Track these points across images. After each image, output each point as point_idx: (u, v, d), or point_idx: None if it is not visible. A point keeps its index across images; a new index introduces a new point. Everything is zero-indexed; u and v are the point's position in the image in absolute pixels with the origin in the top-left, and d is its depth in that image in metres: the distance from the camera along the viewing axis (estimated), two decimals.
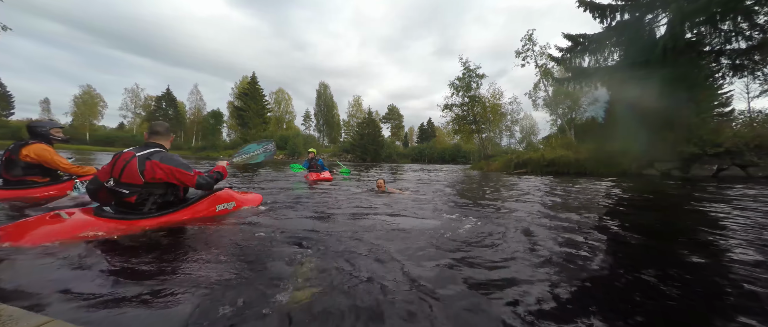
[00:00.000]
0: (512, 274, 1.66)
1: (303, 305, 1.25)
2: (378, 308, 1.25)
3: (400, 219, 3.10)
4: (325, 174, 7.07)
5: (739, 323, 1.24)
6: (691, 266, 1.90)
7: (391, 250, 2.00)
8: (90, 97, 52.83)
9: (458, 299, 1.37)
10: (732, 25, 11.30)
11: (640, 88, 12.39)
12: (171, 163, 2.31)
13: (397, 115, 68.69)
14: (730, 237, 2.54)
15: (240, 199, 3.13)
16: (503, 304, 1.33)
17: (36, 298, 1.27)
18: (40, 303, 1.23)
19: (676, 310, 1.35)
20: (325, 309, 1.23)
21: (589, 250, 2.15)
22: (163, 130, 2.51)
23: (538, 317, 1.23)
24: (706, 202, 4.62)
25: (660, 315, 1.30)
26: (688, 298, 1.46)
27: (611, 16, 14.37)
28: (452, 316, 1.23)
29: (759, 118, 16.90)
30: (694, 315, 1.32)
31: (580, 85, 16.33)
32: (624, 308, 1.35)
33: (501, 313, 1.26)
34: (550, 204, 4.40)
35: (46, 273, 1.54)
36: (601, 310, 1.33)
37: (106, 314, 1.17)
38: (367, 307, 1.25)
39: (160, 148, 2.39)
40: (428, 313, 1.24)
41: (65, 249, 1.83)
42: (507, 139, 39.99)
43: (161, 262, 1.69)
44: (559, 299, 1.39)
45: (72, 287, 1.37)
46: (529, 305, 1.32)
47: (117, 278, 1.48)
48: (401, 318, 1.19)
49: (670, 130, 12.21)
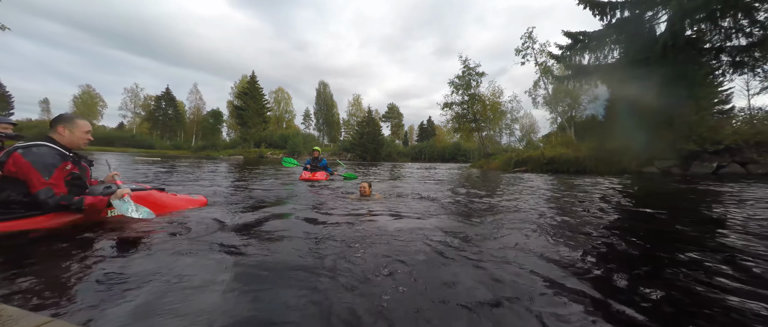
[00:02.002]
0: (512, 274, 1.67)
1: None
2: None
3: (378, 222, 2.84)
4: (319, 174, 6.86)
5: (739, 323, 1.25)
6: (691, 265, 1.90)
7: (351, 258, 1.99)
8: (89, 97, 52.86)
9: (453, 300, 1.37)
10: (732, 22, 11.27)
11: (640, 85, 12.38)
12: (31, 157, 2.00)
13: (397, 113, 68.66)
14: (730, 234, 2.54)
15: (166, 203, 2.74)
16: (502, 305, 1.33)
17: (36, 298, 1.27)
18: (40, 303, 1.24)
19: (676, 310, 1.35)
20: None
21: (589, 249, 2.15)
22: (55, 121, 2.21)
23: (538, 317, 1.24)
24: (706, 200, 4.62)
25: (660, 315, 1.30)
26: (688, 298, 1.46)
27: (611, 14, 14.34)
28: (446, 317, 1.23)
29: (759, 116, 16.89)
30: (694, 315, 1.32)
31: (580, 82, 16.31)
32: (623, 308, 1.35)
33: (500, 314, 1.26)
34: (549, 202, 4.40)
35: (47, 273, 1.54)
36: (600, 309, 1.33)
37: (107, 314, 1.17)
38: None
39: (44, 142, 2.13)
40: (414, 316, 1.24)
41: (65, 249, 1.83)
42: (507, 138, 40.02)
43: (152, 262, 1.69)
44: (559, 299, 1.39)
45: (72, 287, 1.37)
46: (529, 306, 1.33)
47: (117, 278, 1.48)
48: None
49: (670, 128, 12.22)
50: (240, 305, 1.24)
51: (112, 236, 2.10)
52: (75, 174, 2.25)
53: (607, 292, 1.49)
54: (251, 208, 3.35)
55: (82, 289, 1.36)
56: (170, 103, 56.13)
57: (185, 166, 11.39)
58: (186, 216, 2.73)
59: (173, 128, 56.37)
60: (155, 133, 55.60)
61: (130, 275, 1.50)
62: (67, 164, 2.18)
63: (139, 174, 7.33)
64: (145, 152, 38.19)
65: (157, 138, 54.45)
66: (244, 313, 1.19)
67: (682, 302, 1.40)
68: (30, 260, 1.67)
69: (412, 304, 1.29)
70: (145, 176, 6.88)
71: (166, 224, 2.44)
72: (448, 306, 1.29)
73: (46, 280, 1.45)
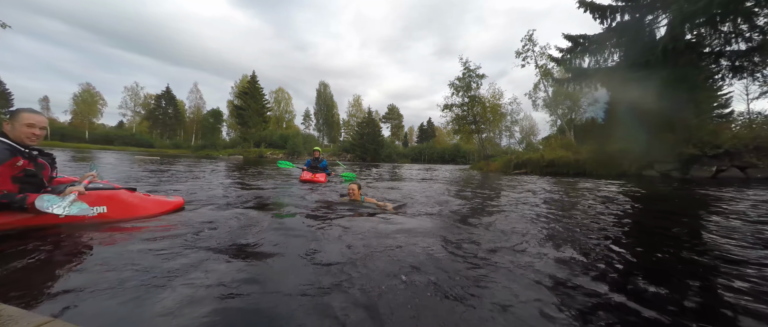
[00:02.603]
0: (511, 274, 1.66)
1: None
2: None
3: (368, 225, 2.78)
4: (319, 176, 6.75)
5: (739, 323, 1.24)
6: (690, 267, 1.90)
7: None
8: (90, 95, 52.76)
9: (451, 302, 1.37)
10: (732, 27, 11.31)
11: (639, 89, 12.40)
12: None
13: (397, 114, 68.70)
14: (729, 237, 2.54)
15: (132, 204, 2.61)
16: (501, 305, 1.33)
17: (36, 298, 1.27)
18: (40, 303, 1.23)
19: (676, 310, 1.35)
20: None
21: (589, 251, 2.15)
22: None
23: (539, 318, 1.23)
24: (705, 203, 4.62)
25: (660, 314, 1.30)
26: (687, 299, 1.46)
27: (611, 17, 14.39)
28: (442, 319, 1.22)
29: (758, 120, 16.92)
30: (694, 315, 1.32)
31: (580, 85, 16.34)
32: (623, 309, 1.35)
33: (499, 315, 1.25)
34: (549, 205, 4.40)
35: (46, 273, 1.53)
36: (599, 311, 1.33)
37: (107, 314, 1.17)
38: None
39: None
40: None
41: (65, 249, 1.83)
42: (507, 140, 40.01)
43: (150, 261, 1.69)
44: (559, 298, 1.39)
45: (72, 287, 1.37)
46: (529, 306, 1.32)
47: (117, 278, 1.47)
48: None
49: (669, 132, 12.23)
50: (231, 306, 1.24)
51: (98, 239, 2.10)
52: (30, 171, 2.13)
53: (607, 294, 1.49)
54: (229, 209, 3.21)
55: (79, 289, 1.35)
56: (170, 102, 56.11)
57: (180, 166, 11.38)
58: (161, 219, 2.62)
59: (173, 127, 56.37)
60: (155, 132, 55.58)
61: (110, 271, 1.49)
62: (18, 160, 2.05)
63: (125, 175, 7.28)
64: (145, 151, 38.16)
65: (157, 137, 54.42)
66: (239, 315, 1.19)
67: (682, 303, 1.39)
68: (28, 260, 1.67)
69: (410, 305, 1.29)
70: (129, 176, 6.82)
71: (146, 226, 2.40)
72: (448, 306, 1.29)
73: (46, 280, 1.45)
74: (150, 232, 2.22)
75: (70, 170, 6.55)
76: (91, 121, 52.90)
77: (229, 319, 1.15)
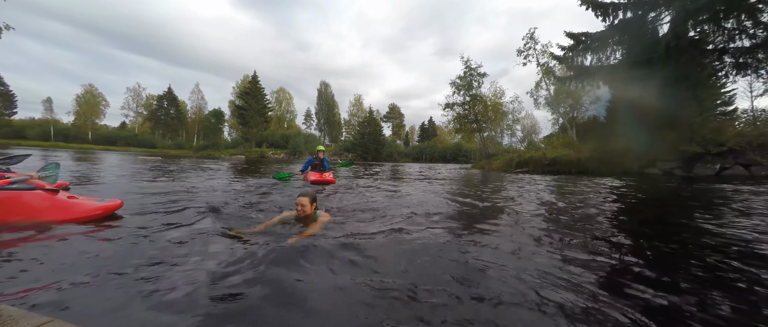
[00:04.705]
0: (511, 275, 1.65)
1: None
2: None
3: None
4: (328, 175, 6.65)
5: (739, 323, 1.23)
6: (691, 266, 1.88)
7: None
8: (92, 96, 52.98)
9: (450, 301, 1.36)
10: (736, 23, 11.21)
11: (642, 86, 12.31)
12: None
13: (398, 114, 68.59)
14: (733, 235, 2.52)
15: (41, 208, 2.39)
16: (502, 306, 1.32)
17: (36, 298, 1.27)
18: (41, 303, 1.23)
19: (676, 310, 1.33)
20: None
21: (590, 250, 2.14)
22: None
23: (539, 317, 1.23)
24: (709, 201, 4.59)
25: (660, 315, 1.29)
26: (687, 298, 1.45)
27: (614, 15, 14.27)
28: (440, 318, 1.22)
29: (762, 117, 16.76)
30: (693, 315, 1.31)
31: (582, 83, 16.25)
32: (626, 308, 1.34)
33: (501, 314, 1.25)
34: (551, 204, 4.38)
35: (47, 272, 1.54)
36: (601, 310, 1.32)
37: (106, 314, 1.17)
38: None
39: None
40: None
41: (65, 249, 1.83)
42: (508, 138, 39.92)
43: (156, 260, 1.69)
44: (558, 298, 1.38)
45: (72, 287, 1.37)
46: (529, 307, 1.32)
47: (117, 278, 1.47)
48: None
49: (672, 129, 12.14)
50: (234, 308, 1.24)
51: (97, 236, 2.10)
52: None
53: (610, 291, 1.48)
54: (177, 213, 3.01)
55: (76, 289, 1.36)
56: (172, 102, 56.26)
57: (168, 163, 11.41)
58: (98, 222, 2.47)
59: (175, 128, 56.52)
60: (157, 132, 55.77)
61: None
62: None
63: (117, 175, 7.29)
64: (147, 151, 38.29)
65: (159, 137, 54.59)
66: (237, 316, 1.19)
67: (682, 302, 1.38)
68: (26, 260, 1.67)
69: (411, 305, 1.29)
70: (101, 175, 6.77)
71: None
72: (447, 307, 1.29)
73: (45, 280, 1.45)
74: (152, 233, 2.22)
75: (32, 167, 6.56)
76: (93, 122, 53.14)
77: (232, 319, 1.15)
